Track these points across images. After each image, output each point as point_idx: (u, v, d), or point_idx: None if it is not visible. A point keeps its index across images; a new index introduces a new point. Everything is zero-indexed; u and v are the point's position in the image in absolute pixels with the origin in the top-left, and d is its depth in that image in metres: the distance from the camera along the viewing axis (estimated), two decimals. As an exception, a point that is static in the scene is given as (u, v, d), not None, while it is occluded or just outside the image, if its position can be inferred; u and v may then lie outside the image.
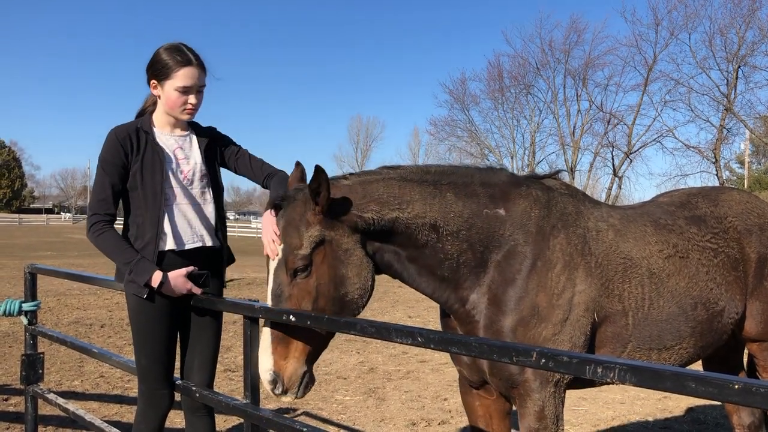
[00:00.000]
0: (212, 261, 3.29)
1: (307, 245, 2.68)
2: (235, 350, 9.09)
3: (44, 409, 5.60)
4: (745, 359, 4.10)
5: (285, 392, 2.65)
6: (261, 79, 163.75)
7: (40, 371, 4.26)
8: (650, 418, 6.47)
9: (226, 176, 3.57)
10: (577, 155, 46.47)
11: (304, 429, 2.31)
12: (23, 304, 4.26)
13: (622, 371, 1.51)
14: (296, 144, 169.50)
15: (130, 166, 3.09)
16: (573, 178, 45.52)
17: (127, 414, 6.12)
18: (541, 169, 47.29)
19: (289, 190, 2.91)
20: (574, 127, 46.71)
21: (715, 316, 3.33)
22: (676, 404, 6.89)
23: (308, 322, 2.28)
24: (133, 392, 6.56)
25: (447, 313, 3.18)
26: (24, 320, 4.30)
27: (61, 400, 4.15)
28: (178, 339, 3.30)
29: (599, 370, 1.55)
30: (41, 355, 4.32)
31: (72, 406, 4.10)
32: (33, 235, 44.01)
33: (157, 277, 3.00)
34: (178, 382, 3.24)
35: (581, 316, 2.93)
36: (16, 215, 79.62)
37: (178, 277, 3.03)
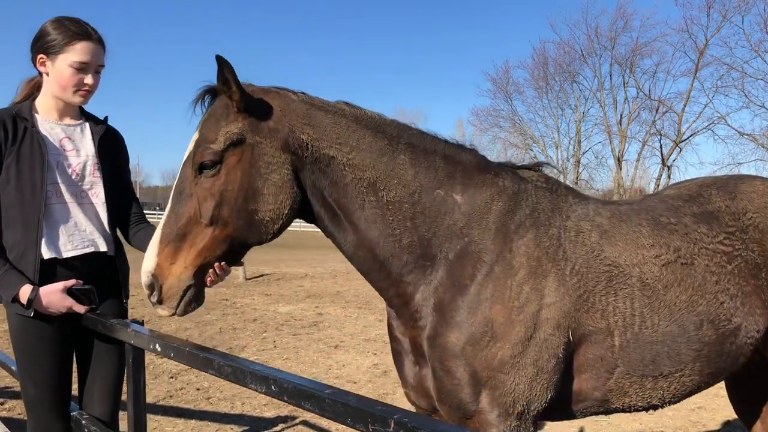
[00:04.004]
0: (110, 271, 2.81)
1: (221, 140, 2.34)
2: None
3: None
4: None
5: (160, 302, 2.28)
6: (301, 68, 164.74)
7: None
8: (680, 433, 5.88)
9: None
10: (624, 144, 45.01)
11: None
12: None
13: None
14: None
15: (3, 158, 2.67)
16: (620, 168, 44.27)
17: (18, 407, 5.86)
18: (587, 160, 46.17)
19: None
20: (621, 115, 45.23)
21: (728, 336, 2.73)
22: (711, 416, 6.28)
23: (171, 354, 1.81)
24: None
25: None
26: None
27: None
28: (75, 360, 2.84)
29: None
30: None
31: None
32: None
33: (24, 292, 2.57)
34: (74, 413, 2.79)
35: (550, 335, 2.42)
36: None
37: (53, 293, 2.58)
